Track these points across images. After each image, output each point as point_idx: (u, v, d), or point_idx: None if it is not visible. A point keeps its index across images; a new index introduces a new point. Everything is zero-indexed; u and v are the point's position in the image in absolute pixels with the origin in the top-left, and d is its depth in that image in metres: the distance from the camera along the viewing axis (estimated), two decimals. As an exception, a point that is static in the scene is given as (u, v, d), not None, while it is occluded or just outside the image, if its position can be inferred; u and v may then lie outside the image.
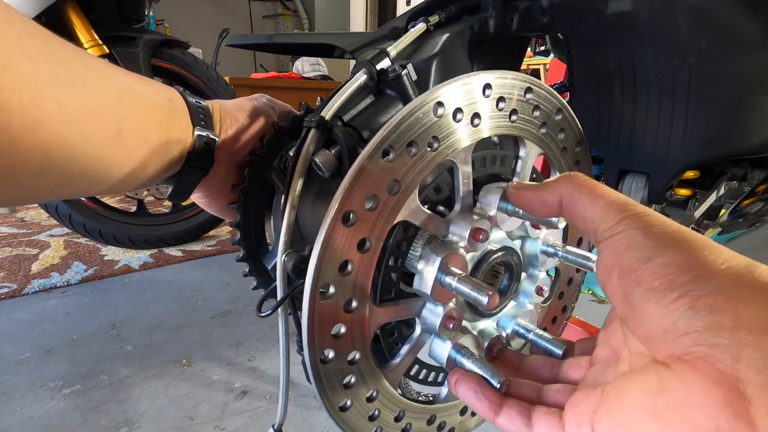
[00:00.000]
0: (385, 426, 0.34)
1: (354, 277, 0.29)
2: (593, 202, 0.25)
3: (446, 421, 0.38)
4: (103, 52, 1.38)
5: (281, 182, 0.43)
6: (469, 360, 0.32)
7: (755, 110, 0.54)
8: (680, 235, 0.21)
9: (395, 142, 0.29)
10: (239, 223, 0.44)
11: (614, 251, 0.22)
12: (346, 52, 0.63)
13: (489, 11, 0.58)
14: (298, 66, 3.61)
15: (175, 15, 4.66)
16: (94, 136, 0.30)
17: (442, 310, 0.32)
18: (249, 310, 1.27)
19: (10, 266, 1.51)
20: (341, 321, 0.30)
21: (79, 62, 0.30)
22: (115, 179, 0.34)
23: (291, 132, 0.43)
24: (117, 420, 0.85)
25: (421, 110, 0.29)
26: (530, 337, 0.36)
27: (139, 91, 0.35)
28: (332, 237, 0.28)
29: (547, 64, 3.54)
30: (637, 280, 0.21)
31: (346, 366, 0.31)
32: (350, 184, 0.27)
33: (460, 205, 0.33)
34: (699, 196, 0.71)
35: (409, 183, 0.30)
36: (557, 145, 0.39)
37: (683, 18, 0.51)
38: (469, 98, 0.31)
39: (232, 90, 1.75)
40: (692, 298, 0.19)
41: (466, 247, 0.32)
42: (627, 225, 0.22)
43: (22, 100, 0.25)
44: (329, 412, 0.31)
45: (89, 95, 0.30)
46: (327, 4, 5.71)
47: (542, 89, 0.36)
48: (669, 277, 0.20)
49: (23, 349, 1.06)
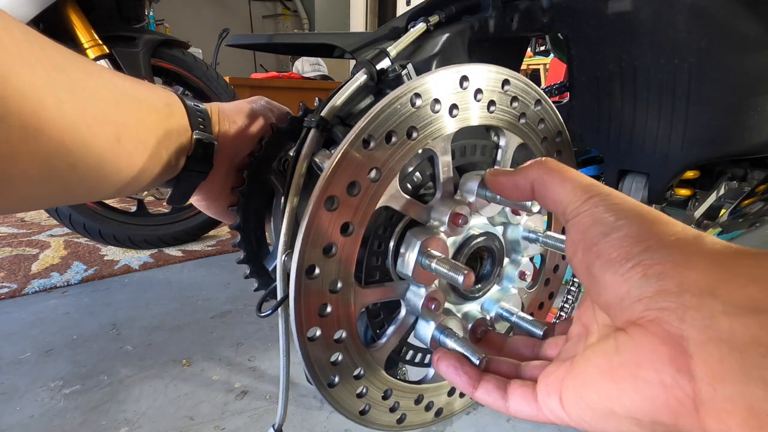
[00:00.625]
0: (373, 403, 0.35)
1: (338, 259, 0.31)
2: (562, 185, 0.26)
3: (434, 401, 0.39)
4: (103, 52, 1.37)
5: (281, 184, 0.43)
6: (451, 339, 0.33)
7: (755, 110, 0.54)
8: (636, 210, 0.23)
9: (374, 132, 0.30)
10: (239, 225, 0.43)
11: (579, 228, 0.24)
12: (346, 52, 0.63)
13: (489, 11, 0.58)
14: (298, 66, 3.62)
15: (175, 15, 4.66)
16: (93, 142, 0.30)
17: (425, 291, 0.34)
18: (249, 310, 1.27)
19: (10, 266, 1.51)
20: (327, 301, 0.31)
21: (78, 68, 0.30)
22: (115, 185, 0.34)
23: (289, 133, 0.43)
24: (117, 420, 0.85)
25: (399, 101, 0.30)
26: (513, 320, 0.37)
27: (138, 96, 0.35)
28: (316, 220, 0.29)
29: (547, 64, 3.54)
30: (597, 253, 0.23)
31: (332, 344, 0.32)
32: (332, 170, 0.29)
33: (441, 192, 0.35)
34: (699, 196, 0.71)
35: (389, 170, 0.31)
36: (537, 135, 0.40)
37: (683, 18, 0.51)
38: (447, 90, 0.33)
39: (232, 90, 1.75)
40: (644, 266, 0.21)
41: (447, 231, 0.34)
42: (591, 204, 0.24)
43: (23, 109, 0.25)
44: (318, 387, 0.32)
45: (88, 102, 0.30)
46: (327, 4, 5.71)
47: (520, 81, 0.37)
48: (625, 248, 0.22)
49: (23, 349, 1.06)
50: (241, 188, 0.42)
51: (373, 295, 0.34)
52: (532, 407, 0.26)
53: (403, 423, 0.38)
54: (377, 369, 0.35)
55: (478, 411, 0.89)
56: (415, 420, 0.39)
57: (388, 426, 0.37)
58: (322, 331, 0.31)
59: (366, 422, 0.36)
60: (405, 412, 0.38)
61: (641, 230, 0.22)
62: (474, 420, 0.87)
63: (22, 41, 0.26)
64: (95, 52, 1.36)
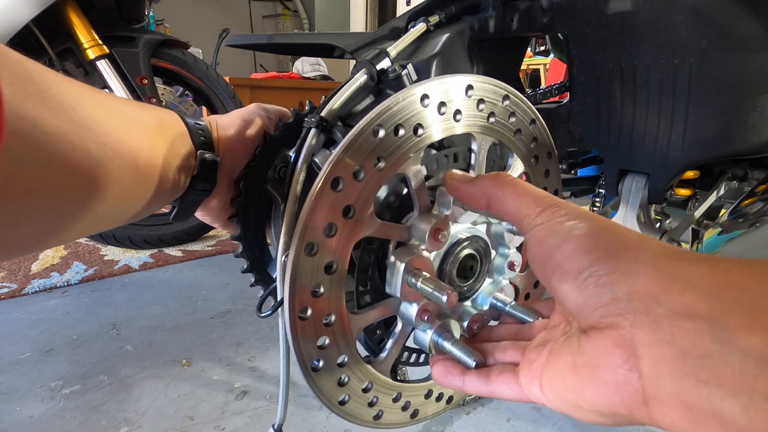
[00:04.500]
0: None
1: (327, 298, 0.32)
2: (516, 200, 0.28)
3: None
4: (103, 52, 1.38)
5: (278, 192, 0.43)
6: (448, 343, 0.34)
7: (755, 110, 0.54)
8: (586, 220, 0.25)
9: (342, 173, 0.31)
10: (240, 236, 0.43)
11: (535, 241, 0.26)
12: (346, 52, 0.63)
13: (489, 11, 0.58)
14: (298, 66, 3.61)
15: (175, 15, 4.66)
16: (117, 173, 0.31)
17: (417, 306, 0.35)
18: (249, 310, 1.27)
19: (10, 266, 1.51)
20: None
21: (89, 102, 0.30)
22: (133, 211, 0.35)
23: (282, 140, 0.43)
24: (117, 420, 0.85)
25: (362, 137, 0.31)
26: (507, 309, 0.39)
27: (143, 122, 0.35)
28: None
29: (547, 64, 3.54)
30: (553, 266, 0.25)
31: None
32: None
33: (418, 210, 0.35)
34: (699, 196, 0.71)
35: (363, 204, 0.32)
36: (509, 129, 0.40)
37: (683, 18, 0.51)
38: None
39: (232, 90, 1.75)
40: (596, 277, 0.23)
41: (428, 248, 0.35)
42: (543, 218, 0.26)
43: (57, 150, 0.26)
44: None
45: (107, 135, 0.30)
46: (327, 4, 5.71)
47: (484, 82, 0.37)
48: (576, 260, 0.23)
49: (23, 349, 1.06)
50: (239, 199, 0.42)
51: (369, 317, 0.36)
52: (515, 390, 0.29)
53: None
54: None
55: (478, 411, 0.89)
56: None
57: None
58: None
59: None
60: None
61: (589, 241, 0.24)
62: (474, 420, 0.87)
63: (41, 84, 0.26)
64: (95, 52, 1.36)
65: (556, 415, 0.89)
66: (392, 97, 0.32)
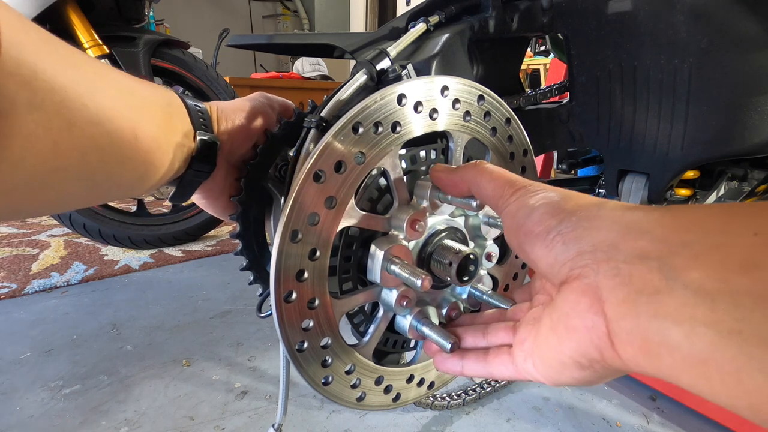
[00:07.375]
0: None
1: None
2: (492, 183, 0.31)
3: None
4: (103, 52, 1.38)
5: (278, 190, 0.43)
6: (427, 328, 0.37)
7: (755, 110, 0.54)
8: (552, 192, 0.28)
9: (323, 165, 0.32)
10: (240, 233, 0.43)
11: (510, 215, 0.29)
12: (346, 53, 0.63)
13: (489, 11, 0.58)
14: (298, 66, 3.61)
15: (175, 15, 4.66)
16: (117, 137, 0.31)
17: (396, 291, 0.37)
18: (249, 310, 1.27)
19: (10, 266, 1.51)
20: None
21: (89, 67, 0.30)
22: (131, 183, 0.35)
23: (283, 138, 0.43)
24: (117, 420, 0.85)
25: (342, 133, 0.33)
26: (484, 298, 0.41)
27: (143, 95, 0.35)
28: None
29: (547, 64, 3.54)
30: (525, 232, 0.27)
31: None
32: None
33: (398, 201, 0.38)
34: (699, 196, 0.71)
35: (344, 195, 0.34)
36: (485, 128, 0.42)
37: (683, 18, 0.51)
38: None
39: (232, 90, 1.75)
40: (562, 235, 0.25)
41: (406, 237, 0.37)
42: (516, 195, 0.29)
43: (54, 99, 0.26)
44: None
45: (105, 97, 0.30)
46: (327, 4, 5.71)
47: (460, 83, 0.39)
48: (544, 223, 0.26)
49: (23, 349, 1.06)
50: (239, 197, 0.42)
51: (351, 302, 0.38)
52: (511, 369, 0.31)
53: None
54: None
55: (478, 411, 0.89)
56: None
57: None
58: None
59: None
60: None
61: (554, 207, 0.26)
62: (474, 420, 0.87)
63: (37, 40, 0.26)
64: (95, 52, 1.36)
65: (556, 415, 0.89)
66: (370, 96, 0.34)
